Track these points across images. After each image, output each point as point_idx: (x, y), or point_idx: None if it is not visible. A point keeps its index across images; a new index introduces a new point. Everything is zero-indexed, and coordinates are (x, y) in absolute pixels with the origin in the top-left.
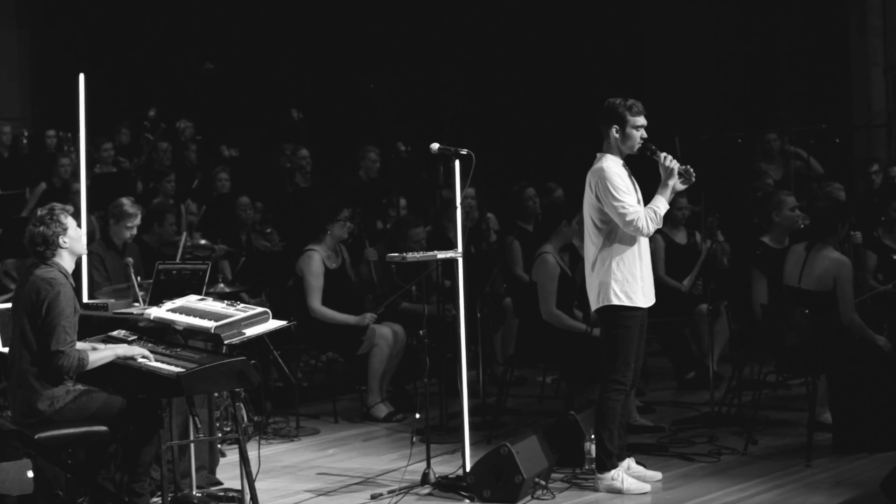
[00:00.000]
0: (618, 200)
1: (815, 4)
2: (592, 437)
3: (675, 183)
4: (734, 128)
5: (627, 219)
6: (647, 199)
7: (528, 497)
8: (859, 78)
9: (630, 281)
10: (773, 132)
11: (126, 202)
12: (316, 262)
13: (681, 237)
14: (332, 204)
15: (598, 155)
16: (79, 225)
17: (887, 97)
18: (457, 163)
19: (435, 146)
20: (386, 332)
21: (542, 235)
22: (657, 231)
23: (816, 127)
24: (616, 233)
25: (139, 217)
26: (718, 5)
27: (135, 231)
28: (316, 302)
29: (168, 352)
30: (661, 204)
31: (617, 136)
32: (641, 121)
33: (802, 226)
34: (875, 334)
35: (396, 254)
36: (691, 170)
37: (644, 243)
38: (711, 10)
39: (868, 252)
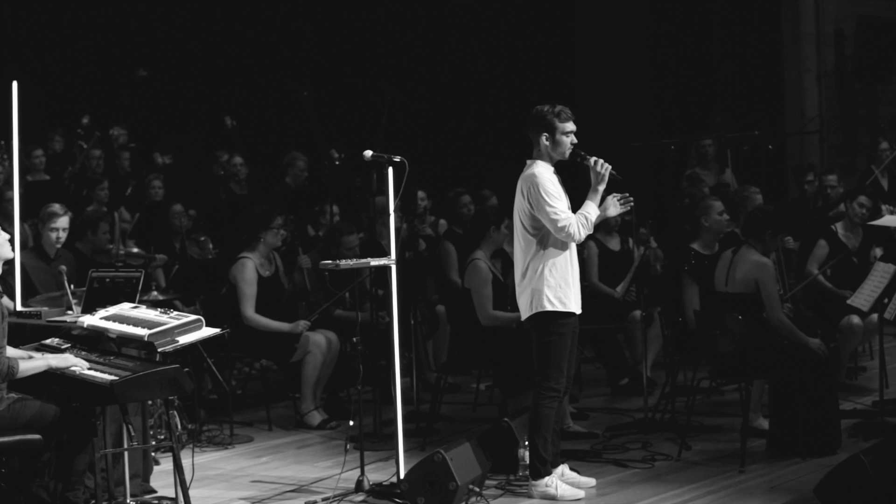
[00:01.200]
0: (550, 206)
1: (749, 11)
2: (526, 443)
3: (612, 205)
4: (668, 134)
5: (559, 224)
6: (577, 207)
7: None
8: (792, 85)
9: (563, 287)
10: (707, 138)
11: (54, 205)
12: (249, 270)
13: (614, 244)
14: (265, 211)
15: (529, 162)
16: (11, 233)
17: (820, 104)
18: (390, 170)
19: (368, 153)
20: (319, 340)
21: (472, 243)
22: (591, 238)
23: (750, 133)
24: (548, 239)
25: (65, 219)
26: (652, 12)
27: (61, 235)
28: (249, 309)
29: (101, 360)
30: (592, 209)
31: (547, 143)
32: (571, 126)
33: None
34: (808, 337)
35: (330, 261)
36: (630, 197)
37: (574, 250)
38: (645, 16)
39: (820, 241)
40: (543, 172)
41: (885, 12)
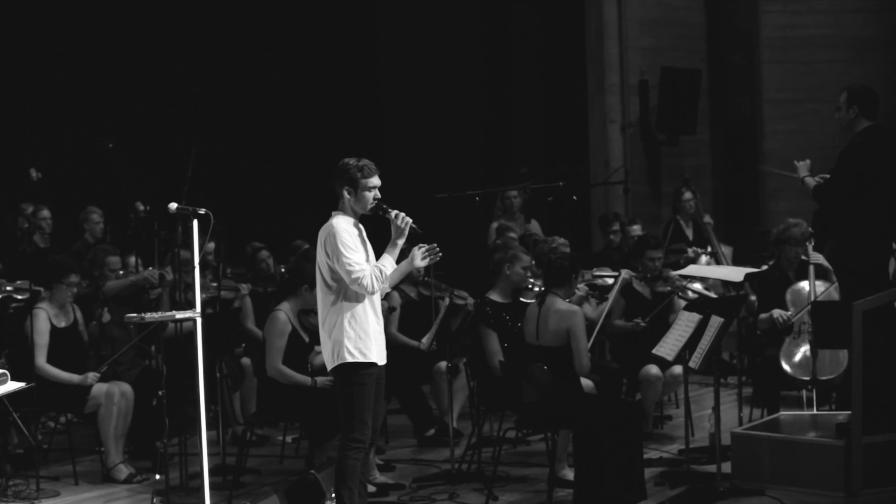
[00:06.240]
0: (346, 257)
1: (554, 61)
2: (333, 495)
3: (417, 256)
4: (472, 186)
5: (353, 276)
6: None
7: None
8: (597, 135)
9: (363, 338)
10: (512, 189)
11: None
12: (41, 320)
13: (418, 295)
14: (60, 264)
15: (333, 213)
16: None
17: (624, 155)
18: (195, 222)
19: (173, 206)
20: (111, 391)
21: (280, 295)
22: (395, 288)
23: (554, 184)
24: (346, 290)
25: None
26: (457, 60)
27: None
28: (40, 359)
29: None
30: (388, 263)
31: (350, 196)
32: (374, 181)
33: (534, 287)
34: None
35: (135, 314)
36: (437, 248)
37: (377, 301)
38: (450, 66)
39: (619, 296)
40: (341, 223)
41: (688, 63)
